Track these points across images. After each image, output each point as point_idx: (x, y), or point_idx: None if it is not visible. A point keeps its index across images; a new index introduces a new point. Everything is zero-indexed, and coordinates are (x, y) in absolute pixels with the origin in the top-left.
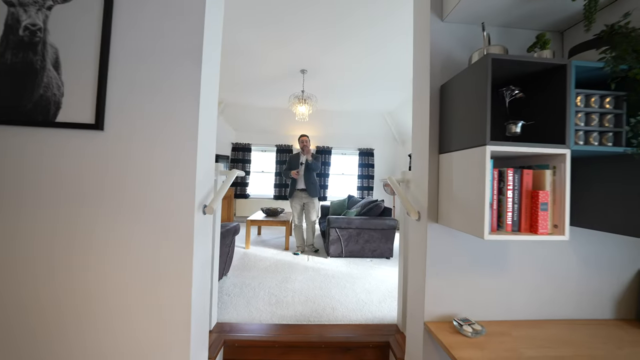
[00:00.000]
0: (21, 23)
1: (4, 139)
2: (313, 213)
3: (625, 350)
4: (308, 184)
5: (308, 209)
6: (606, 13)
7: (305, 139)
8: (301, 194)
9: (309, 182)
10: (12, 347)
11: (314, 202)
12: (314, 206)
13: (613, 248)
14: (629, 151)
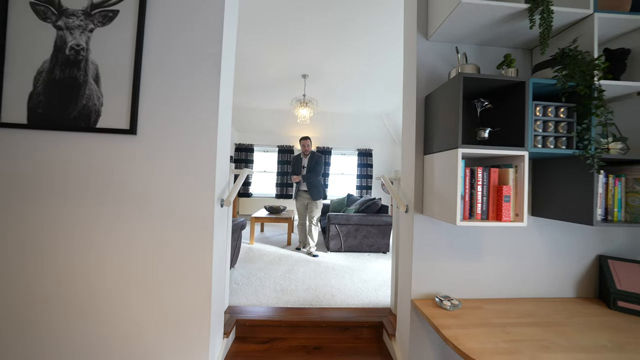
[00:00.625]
0: (67, 44)
1: (54, 143)
2: (314, 213)
3: (575, 319)
4: (310, 187)
5: (310, 208)
6: (560, 39)
7: (307, 143)
8: (304, 195)
9: (311, 185)
10: (73, 327)
11: (315, 204)
12: (315, 208)
13: (575, 236)
14: (577, 153)
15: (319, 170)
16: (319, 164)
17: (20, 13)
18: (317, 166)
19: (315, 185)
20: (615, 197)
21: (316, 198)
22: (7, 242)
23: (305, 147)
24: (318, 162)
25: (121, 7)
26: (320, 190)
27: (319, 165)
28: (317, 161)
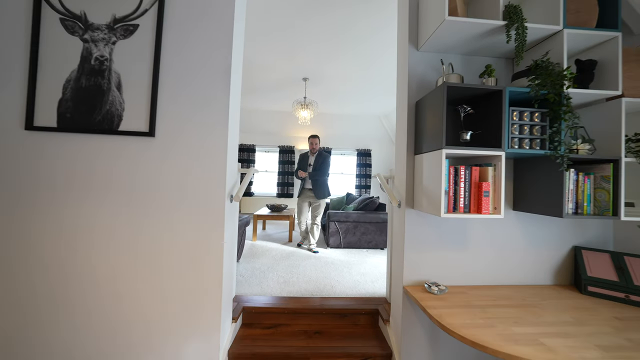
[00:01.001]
0: (93, 55)
1: (81, 144)
2: (318, 213)
3: (547, 302)
4: (315, 185)
5: (314, 209)
6: (535, 51)
7: (315, 141)
8: (309, 193)
9: (316, 184)
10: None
11: (319, 203)
12: (319, 207)
13: (552, 229)
14: (548, 153)
15: (325, 169)
16: (326, 163)
17: (51, 27)
18: (324, 165)
19: (321, 184)
20: (585, 192)
21: (320, 197)
22: (44, 231)
23: (313, 145)
24: (325, 162)
25: (141, 21)
26: (324, 190)
27: (326, 164)
28: (324, 160)
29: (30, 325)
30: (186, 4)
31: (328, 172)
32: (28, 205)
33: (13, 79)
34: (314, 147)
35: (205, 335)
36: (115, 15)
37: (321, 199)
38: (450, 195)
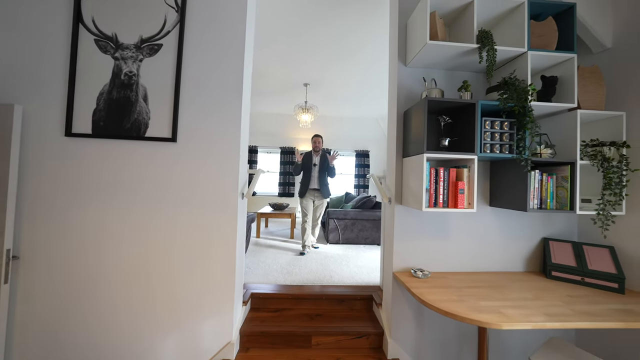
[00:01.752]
0: (122, 71)
1: (113, 148)
2: (321, 213)
3: (515, 284)
4: (321, 185)
5: (317, 207)
6: (504, 70)
7: (318, 140)
8: (314, 193)
9: (322, 184)
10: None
11: (324, 203)
12: (324, 206)
13: (524, 223)
14: (514, 157)
15: (334, 171)
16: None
17: (87, 47)
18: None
19: (327, 183)
20: (548, 190)
21: (327, 196)
22: (84, 225)
23: (317, 144)
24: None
25: (164, 41)
26: (329, 189)
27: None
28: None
29: (72, 305)
30: (203, 27)
31: (335, 173)
32: (67, 199)
33: (55, 92)
34: (317, 145)
35: (221, 314)
36: (142, 36)
37: (325, 199)
38: (431, 192)
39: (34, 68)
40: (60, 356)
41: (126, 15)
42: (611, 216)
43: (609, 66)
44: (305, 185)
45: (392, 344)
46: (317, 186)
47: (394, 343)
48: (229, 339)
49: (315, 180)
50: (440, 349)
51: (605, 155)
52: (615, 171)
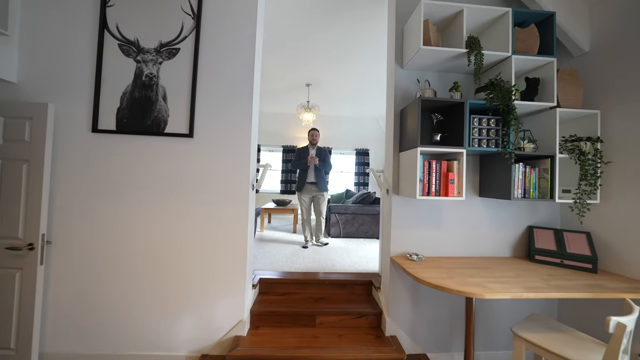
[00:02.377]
0: (143, 73)
1: (135, 143)
2: (323, 206)
3: (501, 266)
4: (318, 178)
5: (318, 202)
6: (491, 72)
7: (315, 133)
8: (311, 187)
9: (319, 177)
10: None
11: (324, 196)
12: (324, 199)
13: (512, 212)
14: (500, 151)
15: (330, 163)
16: (328, 157)
17: (111, 51)
18: (329, 159)
19: (323, 176)
20: (531, 181)
21: (324, 189)
22: (109, 213)
23: (314, 137)
24: (327, 156)
25: (182, 45)
26: (326, 182)
27: (329, 159)
28: (327, 155)
29: (112, 284)
30: (217, 32)
31: (331, 166)
32: (94, 190)
33: (82, 92)
34: (314, 139)
35: (234, 295)
36: (162, 41)
37: (324, 192)
38: (424, 182)
39: (64, 70)
40: (86, 331)
41: (147, 22)
42: (587, 204)
43: (587, 68)
44: (302, 179)
45: (390, 322)
46: (314, 179)
47: (391, 321)
48: (241, 317)
49: (312, 174)
50: (434, 327)
51: (582, 149)
52: (591, 164)
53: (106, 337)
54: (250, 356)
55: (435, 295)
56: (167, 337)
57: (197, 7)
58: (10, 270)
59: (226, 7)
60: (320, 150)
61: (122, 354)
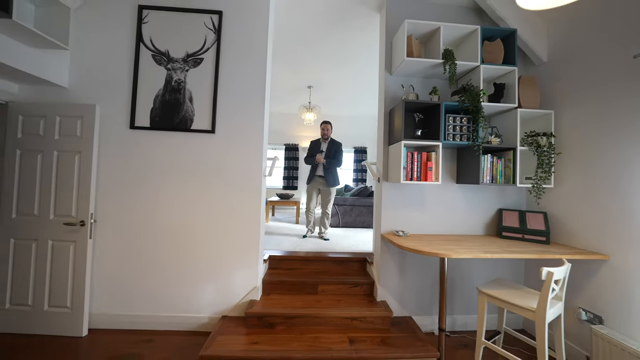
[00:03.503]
0: (173, 79)
1: (166, 138)
2: (328, 202)
3: (473, 241)
4: (327, 173)
5: (324, 196)
6: (464, 78)
7: (327, 127)
8: (319, 180)
9: (328, 171)
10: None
11: (330, 191)
12: (330, 194)
13: (485, 196)
14: (470, 144)
15: (340, 158)
16: (339, 152)
17: (146, 61)
18: (339, 154)
19: (333, 171)
20: (497, 169)
21: (332, 185)
22: (143, 196)
23: (325, 131)
24: (339, 150)
25: (205, 56)
26: (336, 178)
27: (340, 153)
28: (338, 149)
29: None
30: (234, 43)
31: (342, 161)
32: (130, 177)
33: (122, 95)
34: (325, 132)
35: (249, 266)
36: (188, 52)
37: (332, 187)
38: (408, 170)
39: (107, 77)
40: (126, 296)
41: (176, 36)
42: (542, 188)
43: (545, 75)
44: (312, 172)
45: (381, 289)
46: (322, 173)
47: (382, 289)
48: (255, 285)
49: (321, 167)
50: (418, 294)
51: (539, 143)
52: (546, 154)
53: (143, 301)
54: (265, 313)
55: (420, 266)
56: (193, 302)
57: (217, 24)
58: (67, 243)
59: (242, 23)
60: (332, 144)
61: (156, 314)
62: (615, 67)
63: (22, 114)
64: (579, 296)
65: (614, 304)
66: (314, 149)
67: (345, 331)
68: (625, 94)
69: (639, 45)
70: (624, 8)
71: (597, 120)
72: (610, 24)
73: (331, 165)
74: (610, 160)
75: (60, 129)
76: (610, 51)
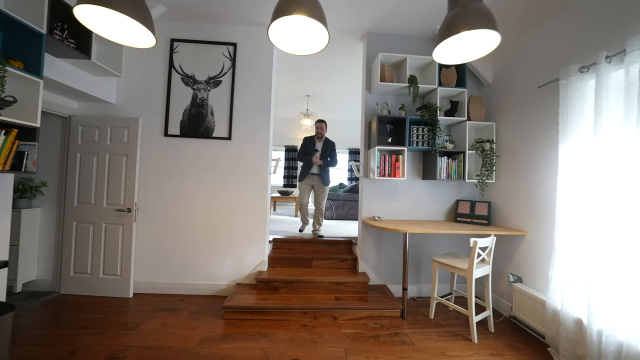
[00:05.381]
0: (198, 97)
1: (192, 144)
2: (323, 196)
3: (433, 223)
4: (322, 172)
5: (318, 193)
6: (426, 97)
7: (322, 125)
8: (314, 178)
9: (323, 170)
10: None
11: (324, 189)
12: (324, 192)
13: (446, 190)
14: (430, 148)
15: (336, 159)
16: (335, 152)
17: (176, 82)
18: (334, 154)
19: (327, 171)
20: (452, 168)
21: (326, 183)
22: (174, 189)
23: (320, 130)
24: (334, 150)
25: (223, 78)
26: (329, 176)
27: (335, 153)
28: (333, 149)
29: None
30: (246, 68)
31: (337, 161)
32: (164, 174)
33: (158, 110)
34: (320, 131)
35: (258, 244)
36: (209, 75)
37: (325, 185)
38: (381, 168)
39: (146, 95)
40: (161, 267)
41: (200, 63)
42: (486, 183)
43: (490, 94)
44: (305, 170)
45: (362, 264)
46: (317, 171)
47: (363, 263)
48: (262, 259)
49: (316, 166)
50: (391, 267)
51: (484, 147)
52: (489, 156)
53: (174, 271)
54: (271, 279)
55: (393, 245)
56: (213, 272)
57: (233, 53)
58: (117, 225)
59: (252, 52)
60: (327, 144)
61: (184, 282)
62: (529, 93)
63: (81, 125)
64: (510, 264)
65: (529, 268)
66: (309, 146)
67: (332, 293)
68: (533, 113)
69: (541, 79)
70: (533, 49)
71: (518, 131)
72: (525, 60)
73: (327, 165)
74: (526, 161)
75: (111, 136)
76: (525, 81)
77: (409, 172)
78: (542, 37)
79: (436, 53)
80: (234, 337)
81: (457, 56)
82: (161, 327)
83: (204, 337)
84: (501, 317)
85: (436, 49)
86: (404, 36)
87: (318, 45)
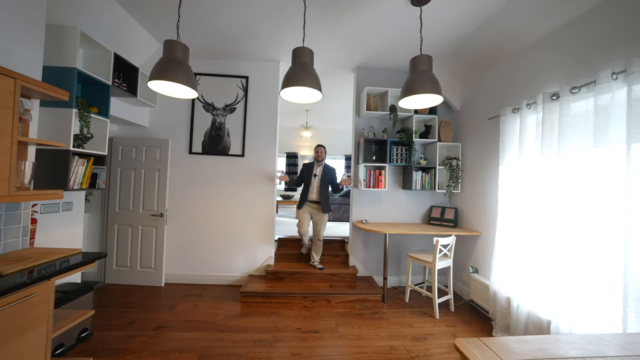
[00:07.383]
0: (216, 121)
1: (212, 161)
2: (322, 227)
3: (410, 225)
4: (322, 198)
5: (317, 222)
6: (404, 122)
7: (321, 150)
8: (313, 206)
9: (323, 197)
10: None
11: (323, 217)
12: (323, 221)
13: (422, 198)
14: (406, 164)
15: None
16: (335, 177)
17: (198, 110)
18: (335, 180)
19: (327, 198)
20: (425, 180)
21: (326, 211)
22: (197, 197)
23: (319, 154)
24: (335, 177)
25: (237, 106)
26: (329, 204)
27: (336, 179)
28: (334, 175)
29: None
30: (256, 97)
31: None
32: (189, 185)
33: (183, 132)
34: (319, 155)
35: (266, 243)
36: (226, 103)
37: (325, 214)
38: (367, 180)
39: (174, 120)
40: (186, 261)
41: (218, 93)
42: (453, 193)
43: (458, 119)
44: (303, 197)
45: (352, 259)
46: (317, 198)
47: (353, 258)
48: (270, 255)
49: (315, 192)
50: (376, 262)
51: (452, 164)
52: (455, 171)
53: (196, 264)
54: (277, 271)
55: (377, 244)
56: (230, 265)
57: (245, 84)
58: (151, 227)
59: (261, 84)
60: (327, 169)
61: (206, 274)
62: (484, 122)
63: (121, 145)
64: (470, 258)
65: (483, 261)
66: (306, 173)
67: (327, 282)
68: (487, 138)
69: (491, 113)
70: (486, 89)
71: (477, 151)
72: (482, 96)
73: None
74: (482, 176)
75: (145, 154)
76: (481, 112)
77: (390, 183)
78: (490, 81)
79: (401, 103)
80: (250, 315)
81: (416, 105)
82: (192, 307)
83: (227, 314)
84: (462, 301)
85: (401, 101)
86: (387, 69)
87: (314, 99)
